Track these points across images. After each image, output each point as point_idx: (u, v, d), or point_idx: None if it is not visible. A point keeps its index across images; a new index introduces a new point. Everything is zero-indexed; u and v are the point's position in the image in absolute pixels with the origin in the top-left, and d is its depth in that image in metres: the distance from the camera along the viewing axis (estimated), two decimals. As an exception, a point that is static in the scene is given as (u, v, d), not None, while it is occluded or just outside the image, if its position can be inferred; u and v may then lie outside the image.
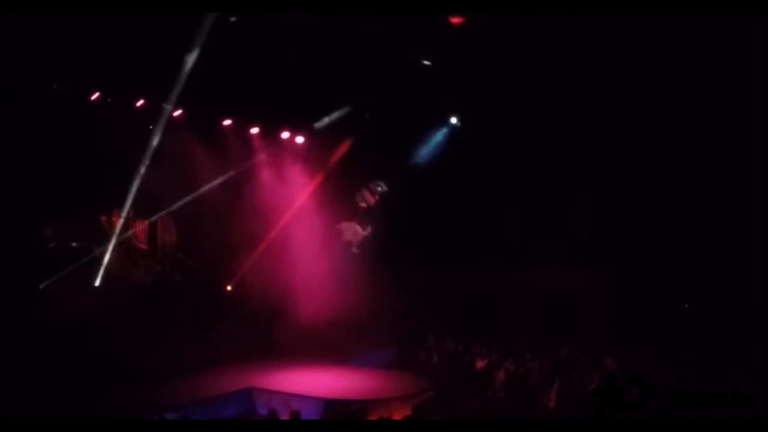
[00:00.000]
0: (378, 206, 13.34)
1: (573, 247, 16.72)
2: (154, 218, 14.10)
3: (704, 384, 9.28)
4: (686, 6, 8.91)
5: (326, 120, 14.94)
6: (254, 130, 15.02)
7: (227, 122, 14.45)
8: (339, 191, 14.99)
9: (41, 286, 11.32)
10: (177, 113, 13.31)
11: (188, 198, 13.91)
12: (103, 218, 13.32)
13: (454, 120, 15.99)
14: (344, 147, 15.58)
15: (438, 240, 17.53)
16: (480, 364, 13.37)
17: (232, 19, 10.62)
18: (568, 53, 12.44)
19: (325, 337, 14.50)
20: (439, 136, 16.42)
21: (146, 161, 12.88)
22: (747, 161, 13.02)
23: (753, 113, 11.98)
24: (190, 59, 11.21)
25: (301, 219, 15.37)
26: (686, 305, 15.21)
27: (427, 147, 16.59)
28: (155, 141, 12.88)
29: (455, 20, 10.88)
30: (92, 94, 12.19)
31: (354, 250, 13.22)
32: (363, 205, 13.22)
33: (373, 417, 9.51)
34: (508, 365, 12.61)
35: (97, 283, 12.99)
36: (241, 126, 14.75)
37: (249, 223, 14.65)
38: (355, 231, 13.31)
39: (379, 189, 13.04)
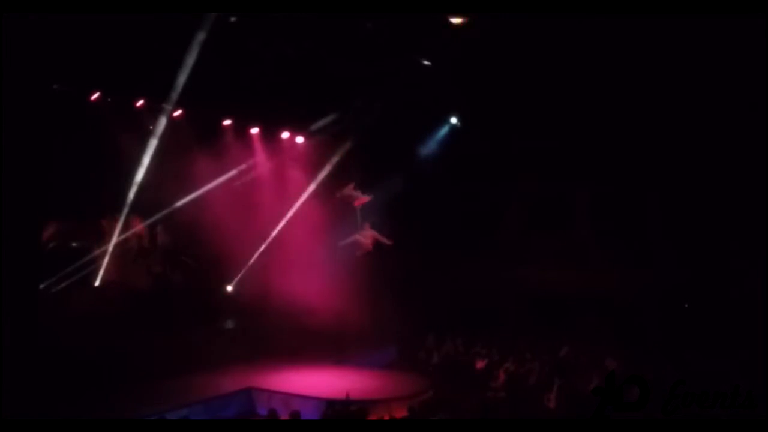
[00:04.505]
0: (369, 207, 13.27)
1: (573, 246, 16.71)
2: (154, 218, 14.11)
3: (704, 384, 9.26)
4: (686, 6, 8.90)
5: (321, 123, 14.94)
6: (254, 130, 15.03)
7: (227, 122, 14.45)
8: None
9: (41, 286, 11.32)
10: (177, 113, 13.33)
11: (188, 198, 13.92)
12: (104, 219, 13.32)
13: (454, 120, 15.98)
14: (344, 148, 15.57)
15: (438, 239, 17.51)
16: (480, 364, 13.39)
17: (232, 19, 10.61)
18: (569, 53, 12.44)
19: (325, 337, 14.50)
20: (439, 135, 16.43)
21: (146, 161, 12.89)
22: (748, 162, 13.02)
23: (753, 113, 11.98)
24: (190, 59, 11.20)
25: (301, 219, 15.37)
26: (686, 305, 15.20)
27: (427, 146, 16.60)
28: (155, 141, 12.90)
29: (455, 20, 10.88)
30: (92, 94, 12.19)
31: (357, 252, 13.19)
32: (357, 204, 13.17)
33: (373, 417, 9.51)
34: (508, 365, 12.62)
35: (97, 283, 12.99)
36: (241, 126, 14.75)
37: (249, 223, 14.66)
38: (373, 236, 13.21)
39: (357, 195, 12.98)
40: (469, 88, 14.32)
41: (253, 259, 15.17)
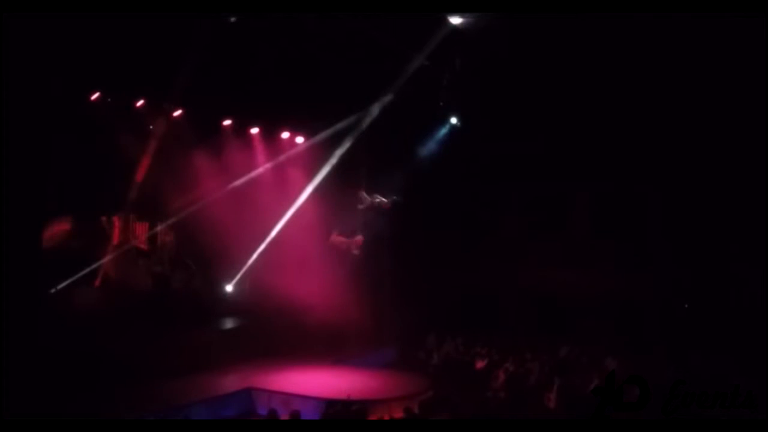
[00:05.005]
0: (376, 211, 13.30)
1: (573, 246, 16.71)
2: (154, 218, 14.10)
3: (704, 384, 9.28)
4: (686, 6, 8.91)
5: (331, 130, 14.93)
6: (254, 130, 15.03)
7: (227, 122, 14.45)
8: (339, 192, 14.98)
9: (41, 287, 11.30)
10: (177, 113, 13.32)
11: (188, 198, 13.91)
12: (103, 218, 13.33)
13: (454, 120, 15.98)
14: (344, 149, 15.56)
15: (438, 239, 17.52)
16: (480, 364, 13.39)
17: (232, 19, 10.60)
18: (570, 53, 12.45)
19: (325, 336, 14.50)
20: (439, 135, 16.42)
21: (146, 161, 12.88)
22: (747, 162, 13.03)
23: (753, 113, 11.98)
24: (190, 59, 11.20)
25: (301, 219, 15.36)
26: (686, 305, 15.20)
27: (427, 146, 16.59)
28: (155, 141, 12.88)
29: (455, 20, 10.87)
30: (92, 94, 12.19)
31: (354, 251, 13.22)
32: (361, 206, 13.19)
33: (373, 417, 9.51)
34: (508, 365, 12.61)
35: (97, 283, 12.98)
36: (241, 126, 14.75)
37: (249, 223, 14.65)
38: (350, 243, 13.26)
39: (377, 200, 13.03)
40: (469, 89, 14.32)
41: (252, 259, 15.16)
